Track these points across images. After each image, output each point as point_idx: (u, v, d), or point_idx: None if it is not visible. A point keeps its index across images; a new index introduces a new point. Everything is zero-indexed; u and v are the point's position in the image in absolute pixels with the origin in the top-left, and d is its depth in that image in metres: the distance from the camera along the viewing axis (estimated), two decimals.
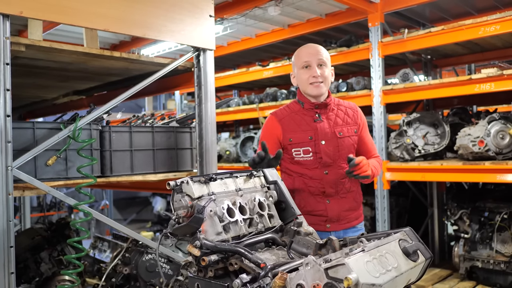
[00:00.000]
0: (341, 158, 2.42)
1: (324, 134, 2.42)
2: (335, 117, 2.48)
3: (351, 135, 2.48)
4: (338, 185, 2.42)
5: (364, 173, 2.26)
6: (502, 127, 3.95)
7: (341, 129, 2.46)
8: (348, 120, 2.50)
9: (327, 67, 2.45)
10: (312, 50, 2.47)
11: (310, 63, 2.42)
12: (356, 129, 2.50)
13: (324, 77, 2.42)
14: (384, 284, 1.28)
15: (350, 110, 2.55)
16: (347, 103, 2.60)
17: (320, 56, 2.43)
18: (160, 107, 11.39)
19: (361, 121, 2.55)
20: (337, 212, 2.41)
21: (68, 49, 2.59)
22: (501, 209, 4.28)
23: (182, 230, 1.59)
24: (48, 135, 2.54)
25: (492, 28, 3.83)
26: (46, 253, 3.48)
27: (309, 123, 2.45)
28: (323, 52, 2.47)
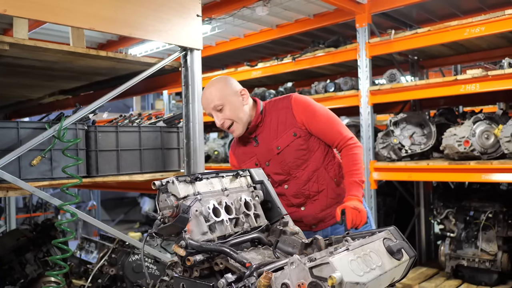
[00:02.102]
0: (292, 169, 2.30)
1: (264, 156, 2.33)
2: (268, 131, 2.32)
3: (290, 142, 2.28)
4: (304, 192, 2.32)
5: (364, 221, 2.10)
6: (487, 127, 4.00)
7: (277, 142, 2.30)
8: (281, 127, 2.30)
9: (227, 106, 2.23)
10: (204, 101, 2.30)
11: (210, 113, 2.29)
12: (296, 131, 2.28)
13: (230, 117, 2.26)
14: (368, 282, 1.29)
15: (283, 112, 2.31)
16: (280, 104, 2.35)
17: (213, 104, 2.24)
18: (148, 107, 11.33)
19: (300, 116, 2.28)
20: (313, 216, 2.33)
21: (53, 48, 2.57)
22: (486, 208, 4.34)
23: (167, 230, 1.58)
24: (32, 134, 2.52)
25: (477, 30, 3.87)
26: (31, 254, 3.44)
27: (251, 150, 2.38)
28: (214, 96, 2.24)
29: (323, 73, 6.13)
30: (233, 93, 2.27)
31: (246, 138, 2.38)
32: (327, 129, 2.30)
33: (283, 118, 2.30)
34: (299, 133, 2.28)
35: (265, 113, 2.34)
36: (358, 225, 2.07)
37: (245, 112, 2.29)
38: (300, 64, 5.13)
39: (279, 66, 5.36)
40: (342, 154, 2.31)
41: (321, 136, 2.31)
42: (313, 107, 2.30)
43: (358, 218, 2.07)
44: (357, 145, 2.31)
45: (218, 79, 2.33)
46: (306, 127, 2.29)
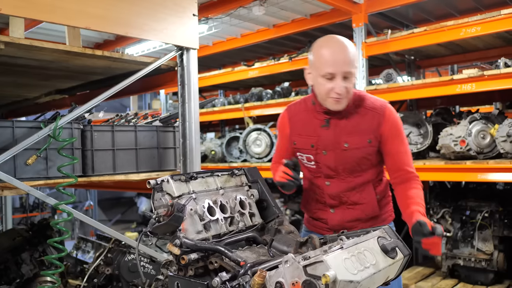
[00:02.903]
0: (346, 171, 2.14)
1: (326, 144, 2.11)
2: (347, 123, 2.10)
3: (362, 147, 2.10)
4: (342, 198, 2.17)
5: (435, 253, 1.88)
6: (483, 127, 4.00)
7: (349, 139, 2.09)
8: (362, 127, 2.09)
9: (353, 76, 2.01)
10: (339, 58, 1.96)
11: (335, 76, 1.97)
12: (372, 139, 2.09)
13: (349, 90, 2.00)
14: (362, 280, 1.29)
15: (371, 114, 2.09)
16: (372, 104, 2.11)
17: (347, 68, 1.96)
18: (145, 107, 11.32)
19: (386, 130, 2.08)
20: (339, 222, 2.19)
21: (49, 47, 2.56)
22: (482, 207, 4.34)
23: (162, 228, 1.58)
24: (28, 134, 2.51)
25: (473, 30, 3.89)
26: (27, 254, 3.42)
27: (315, 128, 2.14)
28: (351, 58, 1.98)
29: None
30: (357, 68, 2.05)
31: (318, 114, 2.13)
32: (401, 154, 2.13)
33: (368, 119, 2.09)
34: (373, 143, 2.10)
35: (353, 101, 2.10)
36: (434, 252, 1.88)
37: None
38: (297, 64, 5.13)
39: (276, 66, 5.37)
40: (408, 186, 2.10)
41: (390, 157, 2.13)
42: (401, 128, 2.14)
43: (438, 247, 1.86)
44: (420, 181, 2.15)
45: (351, 43, 2.03)
46: (381, 141, 2.11)
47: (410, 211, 2.00)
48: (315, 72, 2.04)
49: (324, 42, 2.04)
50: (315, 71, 2.04)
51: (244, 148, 5.43)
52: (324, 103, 2.07)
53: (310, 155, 2.18)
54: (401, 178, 2.13)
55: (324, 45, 2.03)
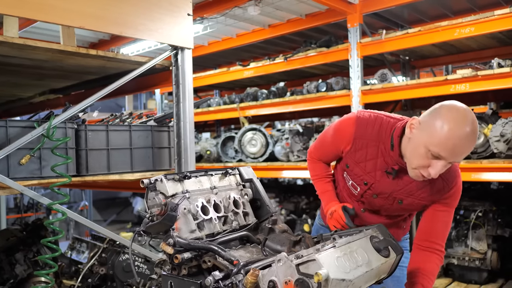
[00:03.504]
0: (385, 215, 2.02)
1: (382, 191, 1.91)
2: (411, 182, 1.84)
3: (413, 209, 1.97)
4: (367, 222, 2.01)
5: None
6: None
7: (406, 199, 1.89)
8: (424, 193, 1.86)
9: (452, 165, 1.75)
10: (459, 149, 1.60)
11: (442, 159, 1.63)
12: (428, 204, 1.89)
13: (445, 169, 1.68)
14: (355, 279, 1.30)
15: (440, 185, 1.84)
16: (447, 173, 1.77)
17: (459, 159, 1.64)
18: (141, 107, 11.31)
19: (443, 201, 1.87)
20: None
21: (43, 46, 2.55)
22: (476, 207, 4.37)
23: (155, 228, 1.58)
24: (21, 133, 2.50)
25: (467, 30, 3.91)
26: (21, 254, 3.41)
27: (377, 168, 1.88)
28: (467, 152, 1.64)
29: (315, 73, 6.15)
30: None
31: (390, 159, 1.83)
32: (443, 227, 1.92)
33: (434, 187, 1.85)
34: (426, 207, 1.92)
35: None
36: None
37: None
38: (292, 64, 5.14)
39: (271, 66, 5.37)
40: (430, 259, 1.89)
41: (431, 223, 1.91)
42: (456, 204, 1.92)
43: None
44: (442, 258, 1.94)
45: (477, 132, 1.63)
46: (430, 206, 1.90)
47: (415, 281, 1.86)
48: (422, 137, 1.65)
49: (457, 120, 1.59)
50: (424, 136, 1.65)
51: (239, 148, 5.43)
52: (408, 170, 1.75)
53: (358, 187, 1.96)
54: (427, 247, 1.91)
55: (455, 125, 1.58)
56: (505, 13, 3.67)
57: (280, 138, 5.25)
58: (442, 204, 1.87)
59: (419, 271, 1.87)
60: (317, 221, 2.39)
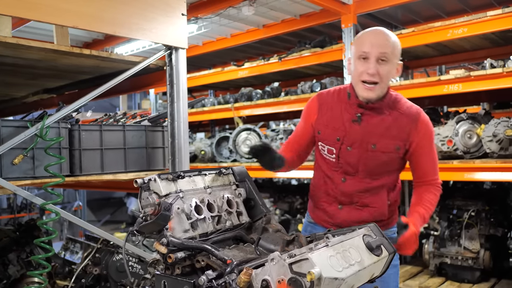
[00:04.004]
0: (365, 171, 2.09)
1: (354, 140, 2.06)
2: (378, 123, 2.05)
3: (388, 151, 2.05)
4: (354, 197, 2.13)
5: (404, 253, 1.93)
6: (470, 127, 4.05)
7: (378, 141, 2.05)
8: (393, 132, 2.04)
9: (390, 64, 1.99)
10: (376, 39, 1.99)
11: (369, 55, 1.97)
12: (400, 146, 2.05)
13: (381, 76, 1.97)
14: (347, 278, 1.31)
15: (405, 120, 2.05)
16: (407, 109, 2.07)
17: (383, 49, 1.95)
18: (135, 107, 11.28)
19: (416, 138, 2.05)
20: (345, 220, 2.14)
21: (36, 45, 2.54)
22: (469, 206, 4.40)
23: (149, 227, 1.58)
24: (14, 133, 2.49)
25: (460, 31, 3.93)
26: (14, 254, 3.40)
27: (344, 122, 2.09)
28: (390, 44, 1.98)
29: (310, 73, 6.16)
30: (398, 60, 2.05)
31: (350, 107, 2.08)
32: (429, 164, 2.12)
33: (401, 125, 2.05)
34: (401, 150, 2.07)
35: (387, 101, 2.07)
36: (404, 250, 1.91)
37: (388, 85, 2.07)
38: (286, 64, 5.15)
39: (265, 66, 5.38)
40: (427, 189, 2.12)
41: (418, 166, 2.12)
42: (432, 138, 2.12)
43: (411, 245, 1.92)
44: (441, 189, 2.16)
45: (395, 36, 2.04)
46: (410, 149, 2.08)
47: (412, 210, 2.08)
48: (353, 57, 2.05)
49: (366, 30, 2.07)
50: (353, 55, 2.05)
51: (234, 148, 5.44)
52: (357, 90, 2.03)
53: (333, 148, 2.12)
54: (423, 183, 2.13)
55: (365, 31, 2.07)
56: (498, 14, 3.71)
57: (274, 138, 5.26)
58: (420, 147, 2.06)
59: (417, 202, 2.09)
60: (306, 218, 2.41)
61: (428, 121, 2.10)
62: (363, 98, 2.03)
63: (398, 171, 2.18)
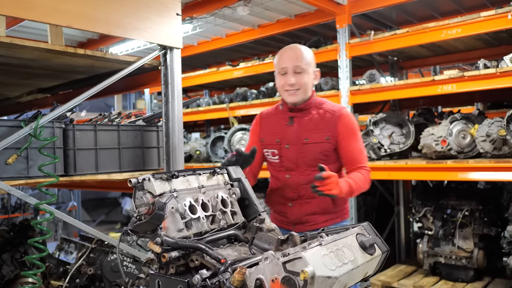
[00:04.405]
0: (305, 164, 2.39)
1: (290, 138, 2.43)
2: (308, 122, 2.42)
3: (320, 142, 2.39)
4: (300, 190, 2.41)
5: (328, 192, 2.12)
6: (464, 127, 4.08)
7: (309, 135, 2.40)
8: (321, 126, 2.40)
9: (305, 73, 2.38)
10: (290, 55, 2.41)
11: (287, 70, 2.39)
12: (329, 136, 2.38)
13: (300, 84, 2.37)
14: (340, 276, 1.31)
15: (329, 115, 2.42)
16: (331, 106, 2.46)
17: (297, 63, 2.37)
18: (130, 107, 11.25)
19: (341, 128, 2.39)
20: (298, 216, 2.42)
21: (30, 45, 2.53)
22: (463, 206, 4.42)
23: (143, 227, 1.58)
24: (8, 133, 2.48)
25: (454, 31, 3.95)
26: (8, 255, 3.38)
27: (281, 126, 2.49)
28: (302, 57, 2.39)
29: None
30: (314, 67, 2.45)
31: (284, 114, 2.50)
32: (355, 151, 2.41)
33: (327, 119, 2.41)
34: (330, 140, 2.39)
35: (314, 104, 2.46)
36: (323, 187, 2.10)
37: (310, 89, 2.45)
38: None
39: (261, 66, 5.38)
40: (356, 171, 2.38)
41: (345, 153, 2.41)
42: (354, 128, 2.43)
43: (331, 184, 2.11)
44: (369, 173, 2.41)
45: (307, 48, 2.45)
46: (338, 140, 2.40)
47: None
48: (276, 73, 2.48)
49: (283, 49, 2.49)
50: (276, 72, 2.48)
51: (229, 148, 5.44)
52: (284, 98, 2.46)
53: (275, 149, 2.48)
54: (352, 168, 2.41)
55: (282, 49, 2.50)
56: (491, 15, 3.73)
57: None
58: (344, 136, 2.38)
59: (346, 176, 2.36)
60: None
61: (350, 116, 2.46)
62: (290, 103, 2.43)
63: (336, 164, 2.44)
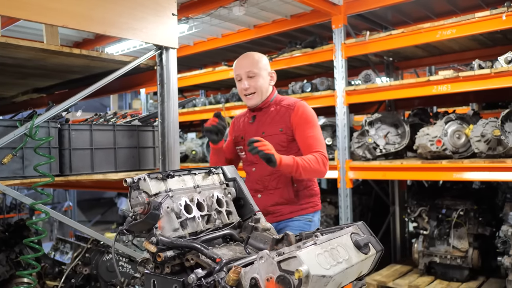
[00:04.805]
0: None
1: (250, 134, 2.61)
2: (266, 118, 2.64)
3: (275, 134, 2.56)
4: (264, 182, 2.59)
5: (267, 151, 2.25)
6: (459, 127, 4.10)
7: (266, 129, 2.60)
8: (276, 119, 2.60)
9: (259, 77, 2.58)
10: (242, 63, 2.63)
11: (241, 76, 2.61)
12: (283, 127, 2.56)
13: (255, 87, 2.58)
14: (335, 275, 1.32)
15: (284, 109, 2.60)
16: (287, 102, 2.64)
17: (248, 69, 2.57)
18: (126, 107, 11.23)
19: (295, 120, 2.55)
20: (264, 207, 2.52)
21: (25, 45, 2.52)
22: (458, 206, 4.44)
23: (138, 226, 1.58)
24: (3, 132, 2.48)
25: (449, 32, 3.97)
26: (3, 255, 3.37)
27: (245, 125, 2.73)
28: (254, 63, 2.59)
29: (300, 74, 6.19)
30: (267, 71, 2.65)
31: (249, 114, 2.73)
32: (310, 138, 2.53)
33: (282, 113, 2.60)
34: (285, 131, 2.56)
35: (274, 102, 2.67)
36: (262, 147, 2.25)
37: (267, 91, 2.65)
38: (277, 64, 5.17)
39: None
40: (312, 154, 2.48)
41: (301, 141, 2.54)
42: (309, 118, 2.57)
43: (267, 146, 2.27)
44: (325, 159, 2.49)
45: (259, 54, 2.66)
46: (293, 130, 2.55)
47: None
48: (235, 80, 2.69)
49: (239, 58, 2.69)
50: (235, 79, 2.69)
51: None
52: (245, 102, 2.68)
53: (241, 146, 2.71)
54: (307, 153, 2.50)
55: (237, 58, 2.70)
56: (486, 16, 3.75)
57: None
58: (299, 125, 2.53)
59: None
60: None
61: (305, 107, 2.59)
62: (249, 106, 2.68)
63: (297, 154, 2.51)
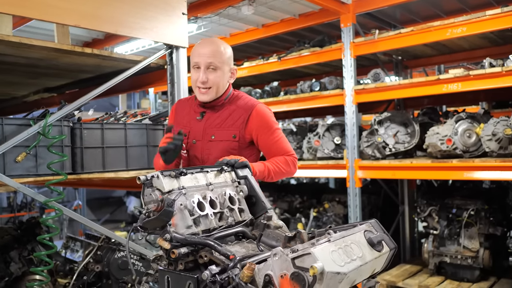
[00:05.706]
0: (210, 162, 2.24)
1: (197, 134, 2.31)
2: (216, 118, 2.31)
3: (226, 140, 2.27)
4: None
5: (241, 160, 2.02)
6: (469, 126, 4.08)
7: (216, 132, 2.29)
8: (229, 122, 2.29)
9: (219, 71, 2.25)
10: (204, 51, 2.24)
11: (199, 65, 2.24)
12: (236, 134, 2.26)
13: (213, 82, 2.24)
14: (349, 272, 1.32)
15: (240, 112, 2.29)
16: (244, 103, 2.33)
17: (210, 60, 2.22)
18: (134, 106, 11.28)
19: (254, 127, 2.27)
20: None
21: (38, 44, 2.56)
22: (468, 205, 4.41)
23: (152, 223, 1.59)
24: (17, 131, 2.51)
25: (459, 30, 3.95)
26: (16, 252, 3.41)
27: (190, 120, 2.36)
28: (217, 54, 2.24)
29: (309, 73, 6.18)
30: (230, 66, 2.33)
31: (196, 107, 2.36)
32: (276, 144, 2.32)
33: (236, 116, 2.29)
34: (238, 138, 2.27)
35: (229, 100, 2.34)
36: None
37: (224, 87, 2.31)
38: (285, 63, 5.17)
39: (265, 66, 5.39)
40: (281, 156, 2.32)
41: (267, 149, 2.32)
42: (270, 122, 2.31)
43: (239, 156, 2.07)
44: (295, 160, 2.35)
45: (225, 44, 2.31)
46: (253, 138, 2.29)
47: None
48: (191, 66, 2.31)
49: (199, 42, 2.33)
50: (191, 65, 2.30)
51: None
52: (195, 94, 2.31)
53: (184, 144, 2.31)
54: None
55: (198, 43, 2.32)
56: (497, 13, 3.72)
57: None
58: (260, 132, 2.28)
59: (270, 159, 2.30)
60: None
61: (263, 111, 2.31)
62: (200, 101, 2.31)
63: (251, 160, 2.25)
